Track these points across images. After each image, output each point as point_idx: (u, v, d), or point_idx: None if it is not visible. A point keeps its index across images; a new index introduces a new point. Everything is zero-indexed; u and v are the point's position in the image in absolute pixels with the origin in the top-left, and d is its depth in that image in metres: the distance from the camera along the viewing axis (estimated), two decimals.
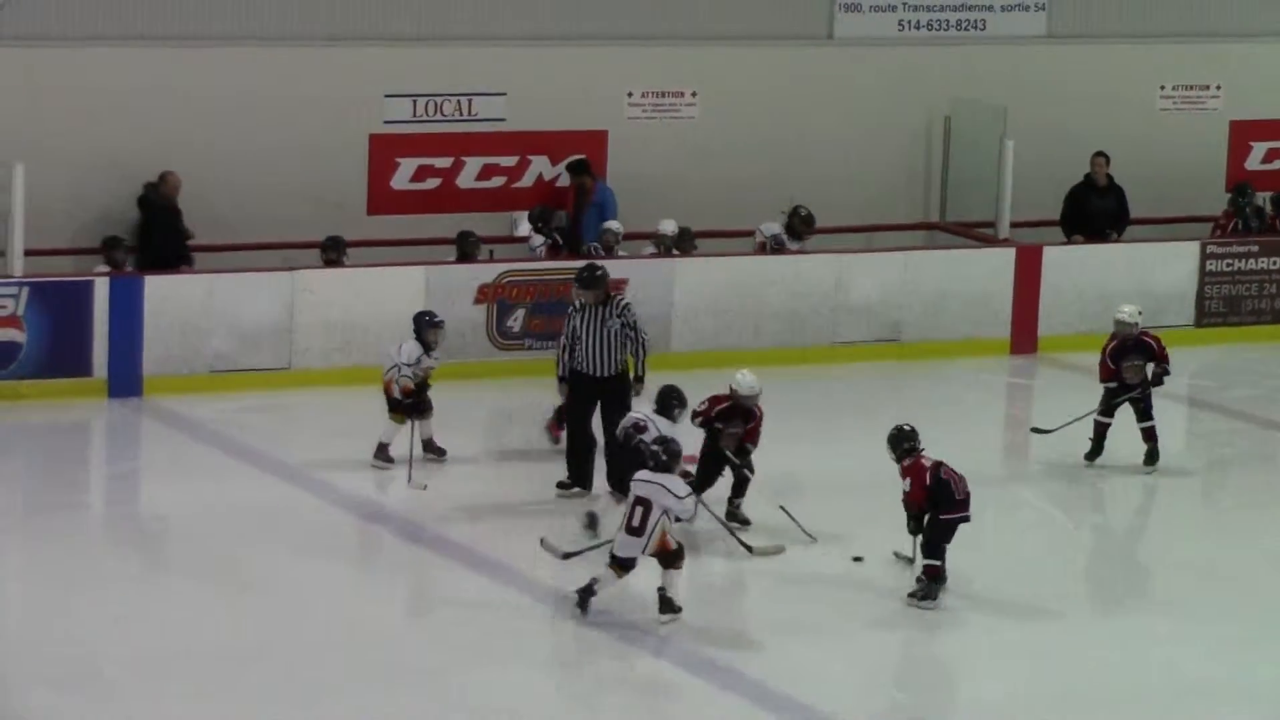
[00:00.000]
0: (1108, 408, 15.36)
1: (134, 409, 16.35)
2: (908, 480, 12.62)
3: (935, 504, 12.66)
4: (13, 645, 11.93)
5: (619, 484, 13.36)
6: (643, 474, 12.43)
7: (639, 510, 12.00)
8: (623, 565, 12.10)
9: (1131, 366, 15.20)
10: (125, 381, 16.41)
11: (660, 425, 13.14)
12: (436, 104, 18.46)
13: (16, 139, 16.77)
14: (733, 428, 13.66)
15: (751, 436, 13.84)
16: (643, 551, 12.05)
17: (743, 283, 17.85)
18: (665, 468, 12.26)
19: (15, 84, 17.27)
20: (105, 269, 16.75)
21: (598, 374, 14.23)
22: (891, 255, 18.84)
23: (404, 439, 14.98)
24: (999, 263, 18.81)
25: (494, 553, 13.42)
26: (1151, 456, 15.27)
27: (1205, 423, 17.23)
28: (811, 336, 17.80)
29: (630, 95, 19.04)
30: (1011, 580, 13.08)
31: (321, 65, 18.17)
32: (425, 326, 14.95)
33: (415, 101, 18.43)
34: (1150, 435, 15.19)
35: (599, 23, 18.91)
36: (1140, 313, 15.60)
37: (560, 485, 14.23)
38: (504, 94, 18.57)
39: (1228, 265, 19.37)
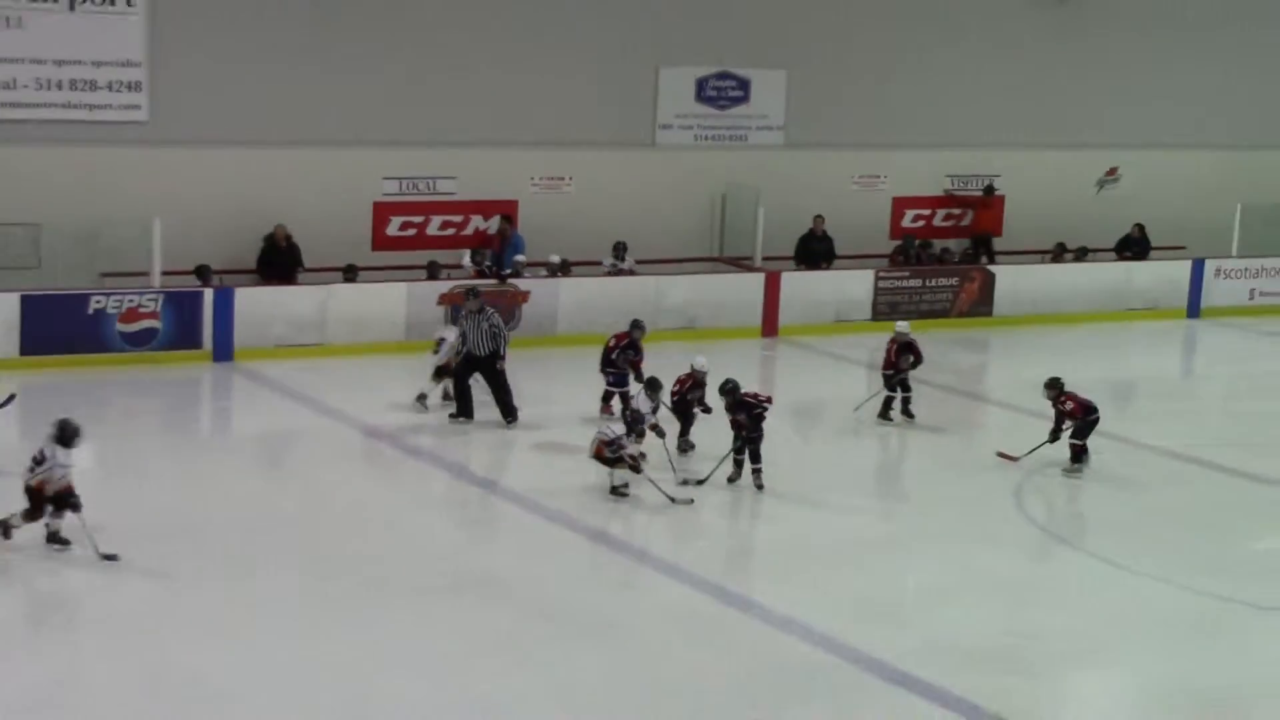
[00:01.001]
0: (894, 386, 17.17)
1: (228, 369, 18.69)
2: (752, 397, 14.30)
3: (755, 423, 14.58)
4: (121, 501, 13.59)
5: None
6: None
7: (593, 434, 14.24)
8: (605, 461, 14.22)
9: (906, 359, 17.19)
10: (223, 351, 19.09)
11: (642, 403, 14.99)
12: (414, 183, 21.51)
13: (167, 202, 19.50)
14: (695, 393, 15.82)
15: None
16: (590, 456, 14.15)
17: (600, 292, 20.64)
18: (627, 424, 14.51)
19: (168, 170, 20.01)
20: (199, 284, 19.08)
21: (478, 353, 16.64)
22: (690, 276, 21.90)
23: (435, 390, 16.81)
24: (755, 282, 21.92)
25: (453, 455, 15.68)
26: (910, 414, 17.33)
27: (872, 377, 18.57)
28: None
29: (532, 179, 22.24)
30: (772, 477, 14.96)
31: (344, 160, 21.13)
32: (460, 319, 16.94)
33: (401, 182, 21.52)
34: (909, 401, 17.28)
35: (514, 133, 21.92)
36: (910, 326, 17.65)
37: (451, 416, 16.81)
38: (455, 178, 21.71)
39: (891, 284, 22.81)
